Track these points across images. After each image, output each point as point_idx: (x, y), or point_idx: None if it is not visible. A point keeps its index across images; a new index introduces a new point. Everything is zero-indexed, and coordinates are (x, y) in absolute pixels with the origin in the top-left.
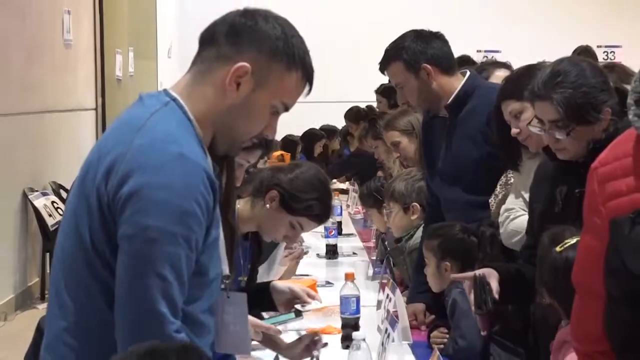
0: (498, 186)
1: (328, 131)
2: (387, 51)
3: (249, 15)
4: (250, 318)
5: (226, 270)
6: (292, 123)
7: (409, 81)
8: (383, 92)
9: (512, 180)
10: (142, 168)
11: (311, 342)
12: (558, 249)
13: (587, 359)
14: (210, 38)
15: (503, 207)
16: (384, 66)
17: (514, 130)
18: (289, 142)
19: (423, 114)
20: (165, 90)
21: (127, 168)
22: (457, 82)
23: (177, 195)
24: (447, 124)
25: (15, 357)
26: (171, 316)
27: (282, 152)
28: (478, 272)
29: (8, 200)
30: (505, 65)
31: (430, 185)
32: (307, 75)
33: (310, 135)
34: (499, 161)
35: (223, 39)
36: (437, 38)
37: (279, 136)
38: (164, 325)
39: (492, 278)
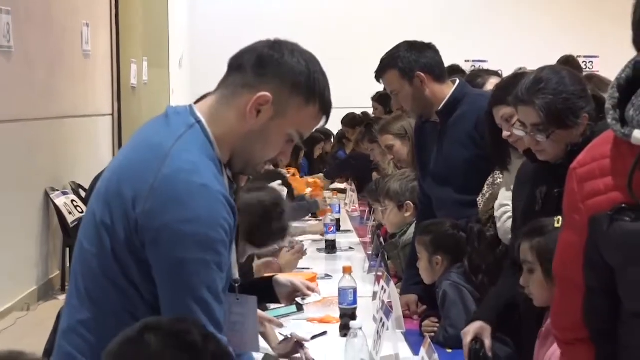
0: (485, 186)
1: (324, 134)
2: (382, 60)
3: (276, 47)
4: (260, 312)
5: (236, 274)
6: None
7: (404, 88)
8: (379, 99)
9: (498, 180)
10: (171, 202)
11: (297, 343)
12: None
13: (566, 347)
14: (238, 65)
15: (497, 203)
16: (380, 74)
17: (505, 134)
18: (294, 147)
19: (416, 119)
20: (191, 108)
21: (157, 200)
22: (448, 90)
23: (204, 226)
24: (439, 129)
25: (38, 343)
26: (218, 333)
27: (291, 169)
28: (472, 335)
29: (31, 199)
30: (497, 74)
31: (422, 185)
32: (324, 109)
33: (311, 139)
34: (486, 163)
35: (250, 67)
36: (429, 48)
37: None
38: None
39: (485, 334)
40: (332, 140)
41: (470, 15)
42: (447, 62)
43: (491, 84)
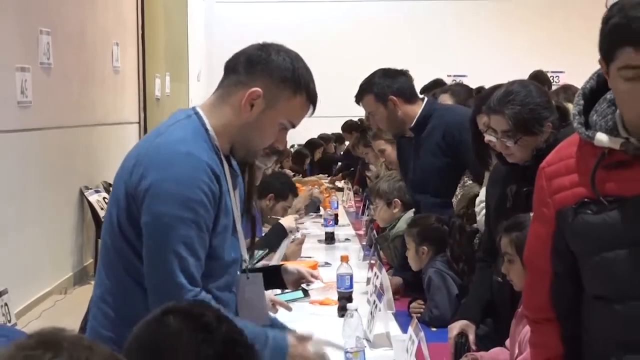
0: (458, 188)
1: (325, 139)
2: (360, 86)
3: (264, 48)
4: (270, 296)
5: (246, 255)
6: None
7: (379, 110)
8: None
9: (468, 182)
10: (156, 165)
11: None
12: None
13: (535, 325)
14: (232, 67)
15: (478, 199)
16: (358, 98)
17: (487, 138)
18: (299, 154)
19: (393, 136)
20: (194, 107)
21: (146, 164)
22: (418, 108)
23: (183, 186)
24: (413, 143)
25: (74, 322)
26: (189, 285)
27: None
28: (457, 330)
29: (68, 196)
30: (445, 91)
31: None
32: (310, 99)
33: (312, 144)
34: (456, 169)
35: (242, 68)
36: (401, 74)
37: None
38: (182, 293)
39: (470, 330)
40: (330, 143)
41: (452, 35)
42: (431, 77)
43: (442, 99)
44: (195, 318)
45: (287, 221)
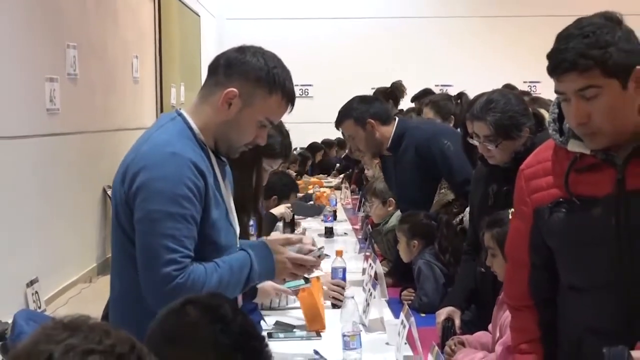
0: (436, 195)
1: (327, 144)
2: (339, 113)
3: (241, 50)
4: (274, 284)
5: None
6: (300, 138)
7: (359, 133)
8: None
9: (442, 190)
10: (145, 167)
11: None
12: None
13: (515, 312)
14: (213, 69)
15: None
16: (338, 124)
17: (471, 142)
18: (303, 157)
19: (372, 155)
20: (177, 110)
21: (136, 168)
22: (392, 129)
23: (170, 183)
24: (392, 160)
25: (97, 309)
26: (175, 273)
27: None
28: (444, 315)
29: (92, 194)
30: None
31: None
32: (287, 97)
33: (314, 147)
34: (431, 181)
35: (221, 69)
36: (376, 100)
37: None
38: (170, 282)
39: (456, 316)
40: (334, 147)
41: (440, 49)
42: (421, 86)
43: (425, 112)
44: (214, 309)
45: (277, 210)
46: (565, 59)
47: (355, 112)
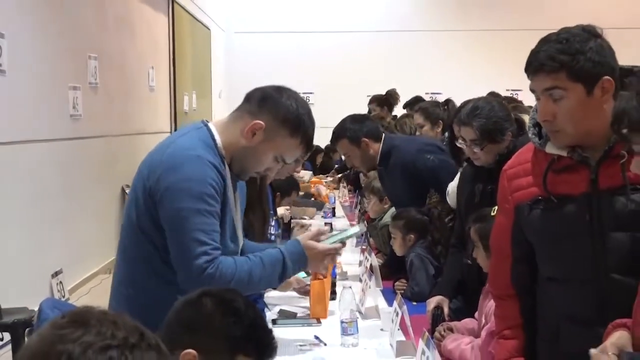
0: (427, 199)
1: (327, 147)
2: (334, 133)
3: (278, 90)
4: (295, 276)
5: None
6: None
7: (354, 152)
8: (376, 100)
9: (434, 198)
10: (171, 169)
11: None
12: (492, 213)
13: (499, 300)
14: (248, 98)
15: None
16: (334, 143)
17: (458, 145)
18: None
19: (366, 169)
20: (203, 120)
21: (162, 169)
22: (381, 145)
23: (195, 183)
24: (384, 172)
25: None
26: (207, 264)
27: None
28: (434, 304)
29: (112, 193)
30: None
31: None
32: (305, 143)
33: (315, 150)
34: (420, 191)
35: (255, 101)
36: (367, 119)
37: None
38: (203, 273)
39: (445, 304)
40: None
41: (430, 60)
42: (412, 93)
43: (415, 118)
44: (228, 302)
45: (278, 210)
46: (536, 59)
47: (349, 132)
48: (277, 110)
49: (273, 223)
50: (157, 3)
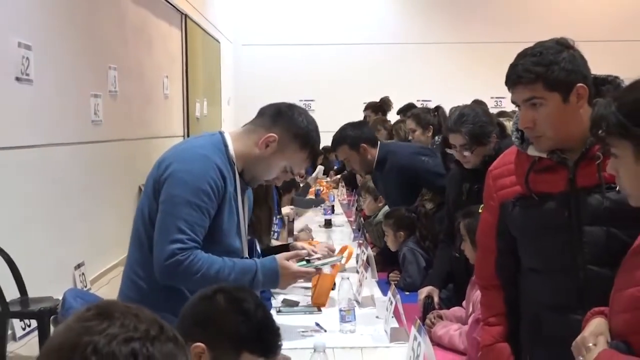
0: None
1: (327, 150)
2: (334, 139)
3: (291, 107)
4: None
5: (246, 253)
6: None
7: (353, 156)
8: (371, 107)
9: (425, 199)
10: (178, 160)
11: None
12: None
13: (484, 290)
14: (262, 112)
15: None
16: (334, 149)
17: (448, 150)
18: None
19: (365, 173)
20: (220, 130)
21: (171, 160)
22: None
23: (195, 177)
24: (379, 176)
25: None
26: (179, 252)
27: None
28: (425, 293)
29: (130, 191)
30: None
31: None
32: (312, 156)
33: None
34: (413, 190)
35: (269, 115)
36: (365, 125)
37: None
38: (173, 257)
39: (435, 294)
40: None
41: (421, 70)
42: (405, 101)
43: (408, 123)
44: (239, 302)
45: (283, 210)
46: (514, 72)
47: (348, 138)
48: (290, 125)
49: (276, 221)
50: (172, 18)
